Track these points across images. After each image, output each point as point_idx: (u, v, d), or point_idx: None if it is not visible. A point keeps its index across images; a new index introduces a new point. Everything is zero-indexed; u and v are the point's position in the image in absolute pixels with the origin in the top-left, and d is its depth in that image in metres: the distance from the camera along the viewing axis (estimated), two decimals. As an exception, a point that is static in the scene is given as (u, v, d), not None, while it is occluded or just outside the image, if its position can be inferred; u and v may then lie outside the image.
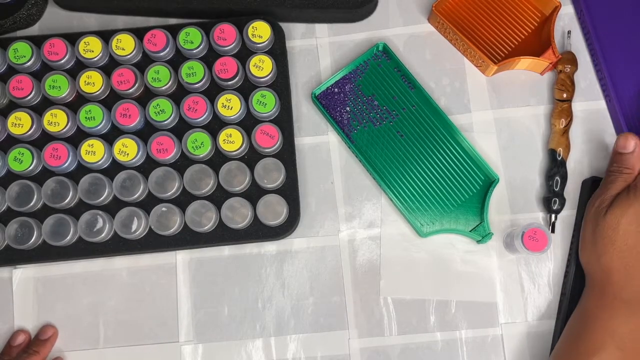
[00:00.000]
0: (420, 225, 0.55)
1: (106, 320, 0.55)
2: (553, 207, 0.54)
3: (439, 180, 0.56)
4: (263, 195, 0.54)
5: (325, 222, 0.57)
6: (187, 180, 0.54)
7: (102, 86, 0.55)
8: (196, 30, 0.56)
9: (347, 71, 0.58)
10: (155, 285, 0.56)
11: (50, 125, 0.54)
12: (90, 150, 0.54)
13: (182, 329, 0.55)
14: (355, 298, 0.55)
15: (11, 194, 0.54)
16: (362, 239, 0.56)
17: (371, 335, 0.54)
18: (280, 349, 0.54)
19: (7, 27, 0.60)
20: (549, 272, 0.55)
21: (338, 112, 0.58)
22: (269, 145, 0.54)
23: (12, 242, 0.53)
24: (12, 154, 0.54)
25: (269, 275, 0.56)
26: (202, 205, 0.54)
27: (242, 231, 0.54)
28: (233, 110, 0.55)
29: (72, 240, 0.54)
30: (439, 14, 0.57)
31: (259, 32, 0.56)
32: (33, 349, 0.53)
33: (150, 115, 0.55)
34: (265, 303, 0.55)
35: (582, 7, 0.58)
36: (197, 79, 0.55)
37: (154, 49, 0.56)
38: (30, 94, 0.55)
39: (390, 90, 0.58)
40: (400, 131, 0.57)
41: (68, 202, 0.54)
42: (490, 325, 0.54)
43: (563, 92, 0.56)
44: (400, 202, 0.55)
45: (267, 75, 0.55)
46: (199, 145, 0.54)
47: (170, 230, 0.54)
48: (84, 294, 0.56)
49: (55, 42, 0.56)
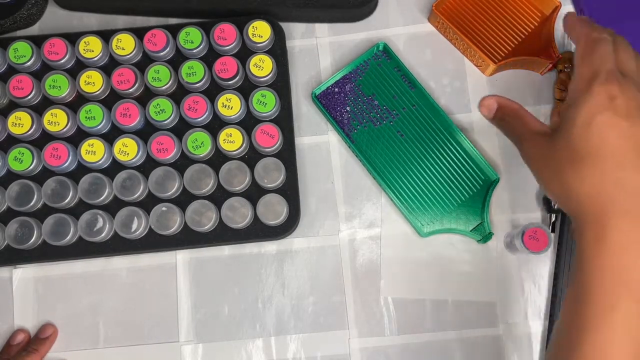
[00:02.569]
0: (421, 225, 0.55)
1: (106, 320, 0.55)
2: (553, 206, 0.54)
3: (439, 180, 0.56)
4: (263, 195, 0.54)
5: (325, 222, 0.57)
6: (187, 180, 0.54)
7: (102, 86, 0.55)
8: (196, 30, 0.56)
9: (347, 71, 0.58)
10: (155, 285, 0.56)
11: (51, 125, 0.54)
12: (90, 150, 0.54)
13: (182, 329, 0.55)
14: (355, 298, 0.55)
15: (11, 193, 0.54)
16: (362, 239, 0.56)
17: (371, 335, 0.54)
18: (281, 348, 0.54)
19: (7, 27, 0.60)
20: (549, 272, 0.55)
21: (338, 111, 0.58)
22: (269, 145, 0.54)
23: (12, 242, 0.53)
24: (12, 154, 0.54)
25: (269, 275, 0.56)
26: (202, 205, 0.54)
27: (242, 231, 0.54)
28: (233, 110, 0.55)
29: (72, 240, 0.54)
30: (439, 13, 0.57)
31: (259, 32, 0.56)
32: (32, 347, 0.53)
33: (151, 115, 0.55)
34: (265, 303, 0.55)
35: (582, 7, 0.58)
36: (197, 78, 0.55)
37: (154, 49, 0.56)
38: (31, 94, 0.55)
39: (390, 90, 0.58)
40: (400, 131, 0.57)
41: (68, 202, 0.54)
42: (490, 325, 0.54)
43: (563, 92, 0.56)
44: (400, 201, 0.55)
45: (267, 75, 0.55)
46: (199, 145, 0.54)
47: (170, 230, 0.54)
48: (84, 294, 0.56)
49: (55, 42, 0.56)
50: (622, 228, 0.35)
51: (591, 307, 0.36)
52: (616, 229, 0.35)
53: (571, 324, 0.37)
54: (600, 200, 0.36)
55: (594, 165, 0.37)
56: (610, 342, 0.35)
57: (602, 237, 0.36)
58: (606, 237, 0.36)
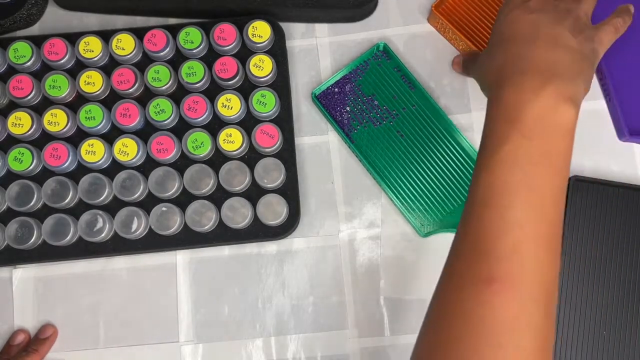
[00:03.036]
0: (421, 225, 0.55)
1: (106, 320, 0.55)
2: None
3: (439, 180, 0.56)
4: (263, 195, 0.54)
5: (325, 222, 0.57)
6: (187, 180, 0.54)
7: (102, 86, 0.56)
8: (196, 30, 0.56)
9: (347, 71, 0.58)
10: (155, 285, 0.56)
11: (50, 125, 0.54)
12: (90, 150, 0.54)
13: (182, 329, 0.55)
14: (355, 298, 0.55)
15: (11, 193, 0.54)
16: (362, 239, 0.56)
17: (371, 335, 0.54)
18: (280, 348, 0.54)
19: (7, 27, 0.60)
20: (549, 272, 0.55)
21: (338, 111, 0.58)
22: (269, 145, 0.54)
23: (12, 242, 0.53)
24: (12, 154, 0.54)
25: (269, 275, 0.56)
26: (202, 205, 0.54)
27: (242, 231, 0.54)
28: (233, 110, 0.55)
29: (72, 240, 0.54)
30: (438, 14, 0.57)
31: (259, 32, 0.56)
32: (32, 348, 0.53)
33: (150, 115, 0.55)
34: (265, 303, 0.55)
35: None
36: (197, 78, 0.55)
37: (154, 49, 0.56)
38: (30, 94, 0.55)
39: (390, 90, 0.58)
40: (400, 131, 0.57)
41: (68, 202, 0.54)
42: (491, 325, 0.54)
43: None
44: (400, 202, 0.55)
45: (267, 75, 0.55)
46: (199, 145, 0.54)
47: (170, 230, 0.54)
48: (84, 294, 0.56)
49: (55, 42, 0.56)
50: (514, 82, 0.42)
51: (487, 149, 0.41)
52: (508, 84, 0.42)
53: (474, 171, 0.42)
54: (501, 70, 0.43)
55: (501, 48, 0.45)
56: (500, 171, 0.39)
57: (500, 95, 0.42)
58: (502, 94, 0.42)
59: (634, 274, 0.53)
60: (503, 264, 0.37)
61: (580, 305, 0.53)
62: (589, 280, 0.53)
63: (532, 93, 0.40)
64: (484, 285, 0.37)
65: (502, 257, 0.37)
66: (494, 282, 0.37)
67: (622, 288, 0.53)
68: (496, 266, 0.37)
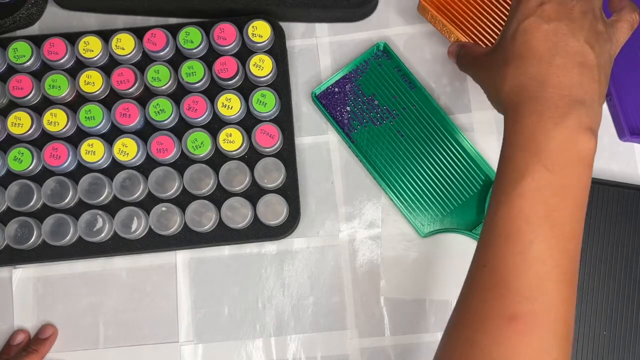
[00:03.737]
0: (421, 225, 0.55)
1: (106, 320, 0.55)
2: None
3: (439, 180, 0.56)
4: (263, 195, 0.54)
5: (325, 222, 0.57)
6: (187, 180, 0.54)
7: (102, 86, 0.55)
8: (196, 29, 0.56)
9: (347, 71, 0.58)
10: (155, 285, 0.56)
11: (50, 125, 0.54)
12: (90, 150, 0.54)
13: (182, 329, 0.55)
14: (355, 298, 0.55)
15: (11, 193, 0.54)
16: (362, 239, 0.56)
17: (371, 335, 0.54)
18: (280, 349, 0.54)
19: (7, 27, 0.60)
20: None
21: (338, 111, 0.58)
22: (269, 145, 0.54)
23: (12, 242, 0.53)
24: (12, 154, 0.54)
25: (269, 275, 0.56)
26: (202, 205, 0.54)
27: (242, 231, 0.54)
28: (233, 110, 0.55)
29: (72, 240, 0.54)
30: (427, 4, 0.55)
31: (259, 32, 0.56)
32: (32, 348, 0.53)
33: (150, 115, 0.55)
34: (265, 303, 0.55)
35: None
36: (197, 78, 0.55)
37: (154, 49, 0.56)
38: (30, 94, 0.55)
39: (390, 89, 0.58)
40: (400, 131, 0.57)
41: (68, 202, 0.54)
42: (491, 325, 0.54)
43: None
44: (400, 202, 0.55)
45: (267, 74, 0.55)
46: (199, 145, 0.54)
47: (170, 230, 0.54)
48: (84, 294, 0.56)
49: (55, 42, 0.56)
50: (533, 109, 0.39)
51: (506, 178, 0.39)
52: (527, 110, 0.40)
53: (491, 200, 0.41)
54: (517, 91, 0.41)
55: (516, 65, 0.41)
56: (522, 205, 0.38)
57: (518, 119, 0.40)
58: (519, 119, 0.40)
59: (633, 273, 0.53)
60: (525, 302, 0.36)
61: (580, 305, 0.53)
62: (588, 280, 0.53)
63: (552, 122, 0.38)
64: (505, 323, 0.36)
65: (524, 294, 0.36)
66: (515, 321, 0.36)
67: (622, 288, 0.53)
68: (518, 304, 0.36)
